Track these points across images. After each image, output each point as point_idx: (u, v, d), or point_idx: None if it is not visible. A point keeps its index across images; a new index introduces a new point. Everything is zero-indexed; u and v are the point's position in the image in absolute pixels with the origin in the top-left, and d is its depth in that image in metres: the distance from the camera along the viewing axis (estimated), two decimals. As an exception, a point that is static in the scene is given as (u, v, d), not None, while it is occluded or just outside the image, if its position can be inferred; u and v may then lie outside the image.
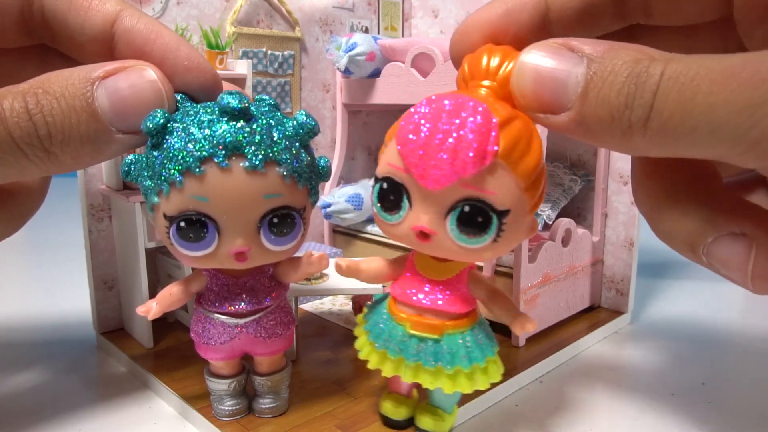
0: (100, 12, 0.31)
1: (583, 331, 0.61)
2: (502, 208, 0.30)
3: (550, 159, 0.71)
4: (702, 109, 0.18)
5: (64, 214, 1.09)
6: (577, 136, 0.23)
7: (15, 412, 0.47)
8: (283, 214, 0.34)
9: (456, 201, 0.30)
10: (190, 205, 0.33)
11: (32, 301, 0.75)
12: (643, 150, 0.21)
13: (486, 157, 0.28)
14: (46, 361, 0.56)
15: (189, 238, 0.34)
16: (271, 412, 0.44)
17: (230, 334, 0.40)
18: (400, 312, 0.38)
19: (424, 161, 0.29)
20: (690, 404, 0.49)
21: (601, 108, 0.21)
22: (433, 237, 0.32)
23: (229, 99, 0.31)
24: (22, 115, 0.27)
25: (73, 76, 0.29)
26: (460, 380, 0.37)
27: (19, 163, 0.28)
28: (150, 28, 0.31)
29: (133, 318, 0.58)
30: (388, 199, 0.32)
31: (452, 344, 0.37)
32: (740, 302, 0.75)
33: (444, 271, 0.37)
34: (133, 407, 0.48)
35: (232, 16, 0.71)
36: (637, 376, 0.55)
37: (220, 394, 0.44)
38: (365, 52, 0.72)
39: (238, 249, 0.34)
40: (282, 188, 0.34)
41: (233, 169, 0.32)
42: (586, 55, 0.21)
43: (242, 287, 0.40)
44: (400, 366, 0.38)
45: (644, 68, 0.20)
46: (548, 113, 0.23)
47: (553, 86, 0.22)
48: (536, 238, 0.60)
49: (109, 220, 0.59)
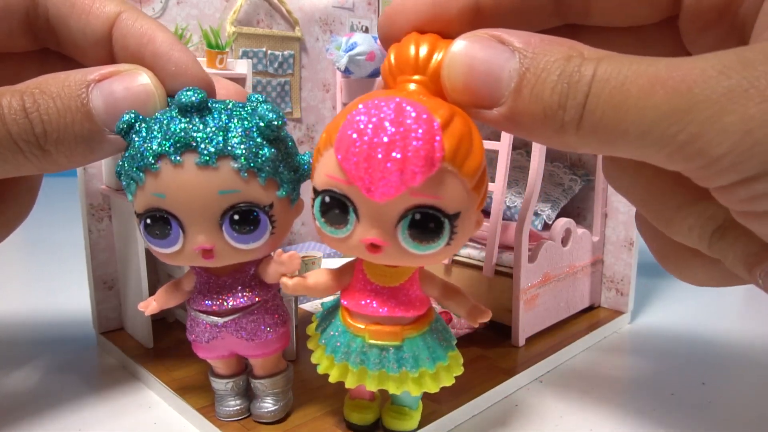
0: (101, 15, 0.31)
1: (583, 331, 0.61)
2: (453, 211, 0.29)
3: (550, 159, 0.71)
4: (632, 113, 0.19)
5: (64, 214, 1.09)
6: (508, 130, 0.23)
7: (15, 411, 0.47)
8: (243, 210, 0.34)
9: (405, 209, 0.29)
10: (153, 202, 0.33)
11: (32, 300, 0.75)
12: (574, 147, 0.21)
13: (434, 164, 0.27)
14: (46, 361, 0.56)
15: (156, 235, 0.34)
16: (267, 417, 0.43)
17: (212, 332, 0.40)
18: (355, 323, 0.37)
19: (370, 174, 0.28)
20: (690, 404, 0.49)
21: (534, 105, 0.21)
22: (384, 248, 0.30)
23: (183, 94, 0.31)
24: (19, 113, 0.28)
25: (70, 78, 0.29)
26: (426, 381, 0.37)
27: (15, 160, 0.29)
28: (143, 32, 0.31)
29: (132, 318, 0.58)
30: (333, 213, 0.30)
31: (414, 348, 0.36)
32: (740, 302, 0.75)
33: (396, 277, 0.36)
34: (133, 407, 0.48)
35: (232, 15, 0.71)
36: (637, 376, 0.55)
37: (221, 394, 0.44)
38: (365, 52, 0.72)
39: (201, 246, 0.34)
40: (238, 184, 0.33)
41: (185, 165, 0.32)
42: (516, 49, 0.21)
43: (222, 286, 0.40)
44: (363, 376, 0.37)
45: (576, 67, 0.20)
46: (480, 107, 0.23)
47: (486, 80, 0.22)
48: (536, 237, 0.60)
49: (109, 220, 0.59)
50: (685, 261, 0.26)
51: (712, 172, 0.19)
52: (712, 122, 0.18)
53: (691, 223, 0.23)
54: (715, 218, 0.23)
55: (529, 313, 0.58)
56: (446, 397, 0.45)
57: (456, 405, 0.45)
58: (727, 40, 0.23)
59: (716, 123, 0.18)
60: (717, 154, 0.18)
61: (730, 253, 0.22)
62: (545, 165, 0.65)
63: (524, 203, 0.57)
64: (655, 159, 0.20)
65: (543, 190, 0.68)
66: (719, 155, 0.18)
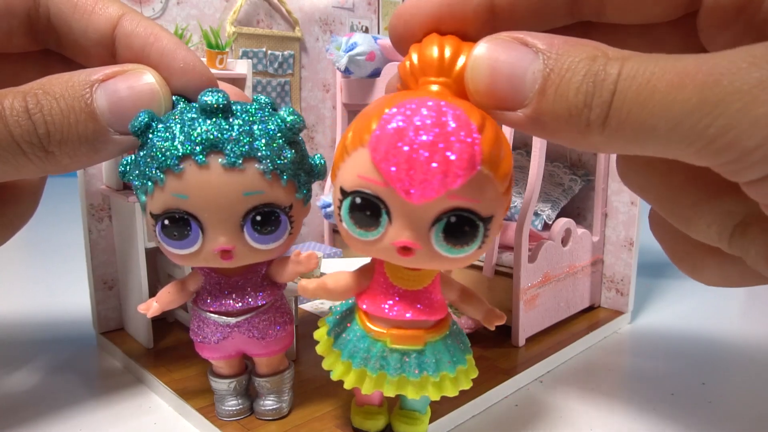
0: (103, 16, 0.31)
1: (582, 331, 0.61)
2: (487, 214, 0.29)
3: (550, 159, 0.71)
4: (660, 108, 0.19)
5: (64, 214, 1.09)
6: (533, 132, 0.23)
7: (15, 411, 0.47)
8: (266, 211, 0.34)
9: (441, 212, 0.28)
10: (172, 203, 0.33)
11: (32, 300, 0.75)
12: (600, 147, 0.21)
13: (475, 167, 0.27)
14: (46, 361, 0.56)
15: (174, 236, 0.34)
16: (271, 414, 0.44)
17: (223, 333, 0.40)
18: (375, 327, 0.36)
19: (411, 176, 0.27)
20: (690, 404, 0.49)
21: (559, 105, 0.21)
22: (416, 251, 0.30)
23: (208, 96, 0.31)
24: (21, 114, 0.28)
25: (73, 79, 0.29)
26: (446, 385, 0.37)
27: (17, 162, 0.28)
28: (149, 31, 0.31)
29: (132, 318, 0.58)
30: (363, 215, 0.30)
31: (436, 352, 0.36)
32: (740, 302, 0.75)
33: (420, 280, 0.36)
34: (133, 407, 0.48)
35: (232, 16, 0.71)
36: (637, 376, 0.55)
37: (221, 393, 0.44)
38: (365, 52, 0.72)
39: (222, 247, 0.34)
40: (262, 185, 0.33)
41: (211, 166, 0.32)
42: (540, 51, 0.21)
43: (233, 286, 0.40)
44: (381, 382, 0.36)
45: (601, 67, 0.20)
46: (504, 110, 0.23)
47: (510, 82, 0.22)
48: (536, 237, 0.60)
49: (109, 220, 0.59)
50: (701, 261, 0.26)
51: (743, 165, 0.19)
52: (743, 114, 0.18)
53: (708, 220, 0.23)
54: (733, 214, 0.23)
55: (529, 313, 0.58)
56: (446, 398, 0.45)
57: (456, 405, 0.45)
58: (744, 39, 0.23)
59: (747, 114, 0.18)
60: (748, 146, 0.18)
61: (752, 248, 0.22)
62: (545, 165, 0.65)
63: (524, 203, 0.57)
64: (684, 155, 0.20)
65: (543, 190, 0.68)
66: (751, 148, 0.18)
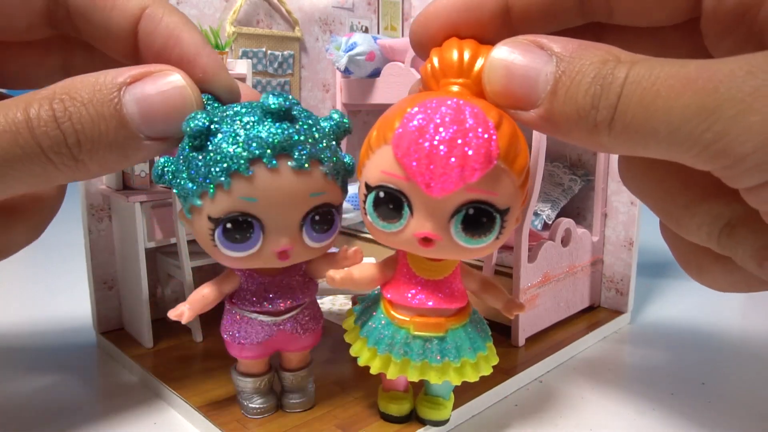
0: (125, 10, 0.30)
1: (582, 331, 0.61)
2: (503, 207, 0.31)
3: (550, 159, 0.71)
4: (661, 113, 0.19)
5: (64, 214, 1.08)
6: (545, 131, 0.24)
7: (14, 411, 0.47)
8: (324, 211, 0.35)
9: (460, 204, 0.30)
10: (239, 206, 0.33)
11: (32, 300, 0.75)
12: (608, 147, 0.22)
13: (491, 161, 0.29)
14: (46, 361, 0.56)
15: (235, 239, 0.34)
16: (301, 406, 0.45)
17: (268, 332, 0.41)
18: (400, 315, 0.38)
19: (431, 170, 0.29)
20: (690, 404, 0.49)
21: (568, 106, 0.22)
22: (436, 242, 0.32)
23: (273, 100, 0.32)
24: (50, 124, 0.26)
25: (99, 82, 0.27)
26: (467, 371, 0.38)
27: (46, 173, 0.27)
28: (170, 32, 0.30)
29: (133, 318, 0.58)
30: (386, 208, 0.32)
31: (457, 338, 0.38)
32: (740, 302, 0.75)
33: (441, 270, 0.38)
34: (133, 407, 0.48)
35: (231, 15, 0.71)
36: (636, 376, 0.55)
37: (249, 392, 0.44)
38: (365, 52, 0.72)
39: (283, 248, 0.35)
40: (325, 186, 0.35)
41: (281, 169, 0.32)
42: (555, 54, 0.22)
43: (279, 285, 0.41)
44: (405, 367, 0.38)
45: (610, 70, 0.21)
46: (518, 109, 0.24)
47: (524, 83, 0.23)
48: (536, 237, 0.60)
49: (109, 220, 0.59)
50: (707, 266, 0.27)
51: (738, 171, 0.19)
52: (737, 121, 0.18)
53: (698, 221, 0.24)
54: (721, 216, 0.23)
55: (528, 313, 0.58)
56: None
57: (456, 405, 0.45)
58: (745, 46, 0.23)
59: (741, 122, 0.18)
60: (741, 153, 0.18)
61: (739, 248, 0.23)
62: (545, 165, 0.65)
63: (524, 203, 0.57)
64: (684, 158, 0.20)
65: (543, 190, 0.68)
66: (744, 154, 0.18)
